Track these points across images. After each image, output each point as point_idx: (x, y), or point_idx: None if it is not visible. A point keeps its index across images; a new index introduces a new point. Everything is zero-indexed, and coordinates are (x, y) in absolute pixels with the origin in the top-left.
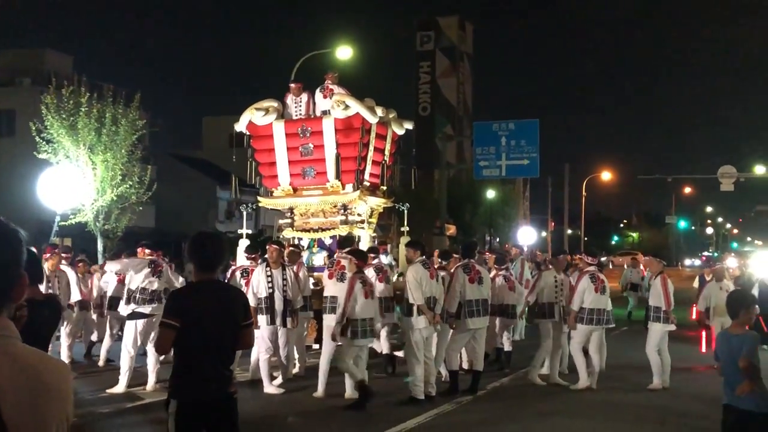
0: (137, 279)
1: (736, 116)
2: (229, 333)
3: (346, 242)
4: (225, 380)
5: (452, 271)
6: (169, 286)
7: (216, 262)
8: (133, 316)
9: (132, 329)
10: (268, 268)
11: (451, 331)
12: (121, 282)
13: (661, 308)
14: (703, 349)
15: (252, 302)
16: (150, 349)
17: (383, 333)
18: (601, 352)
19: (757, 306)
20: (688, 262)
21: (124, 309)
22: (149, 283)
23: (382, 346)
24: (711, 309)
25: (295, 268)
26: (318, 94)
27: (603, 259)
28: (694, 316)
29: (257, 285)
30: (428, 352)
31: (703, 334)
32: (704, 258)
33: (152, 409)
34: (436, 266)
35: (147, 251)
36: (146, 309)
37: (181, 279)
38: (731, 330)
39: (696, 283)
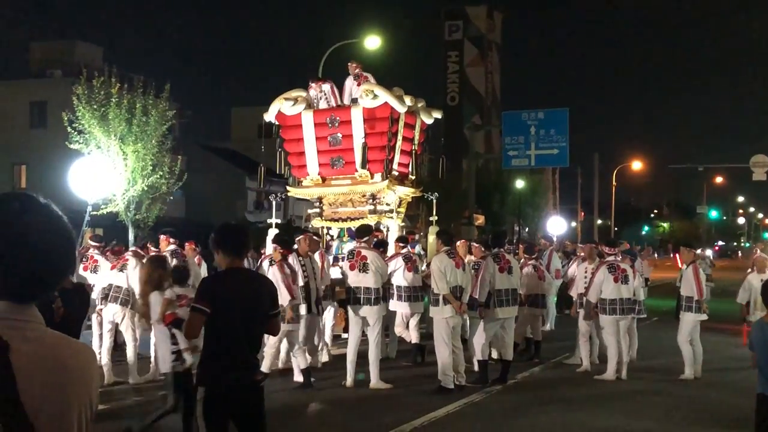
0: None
1: None
2: (258, 321)
3: (364, 231)
4: (252, 368)
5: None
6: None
7: (244, 250)
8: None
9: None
10: (300, 258)
11: (481, 320)
12: None
13: (693, 298)
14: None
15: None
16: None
17: (412, 322)
18: (630, 341)
19: None
20: (708, 252)
21: None
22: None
23: (411, 335)
24: (752, 302)
25: (317, 256)
26: (352, 82)
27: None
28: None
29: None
30: (456, 341)
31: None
32: (717, 248)
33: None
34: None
35: (171, 240)
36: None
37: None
38: (766, 319)
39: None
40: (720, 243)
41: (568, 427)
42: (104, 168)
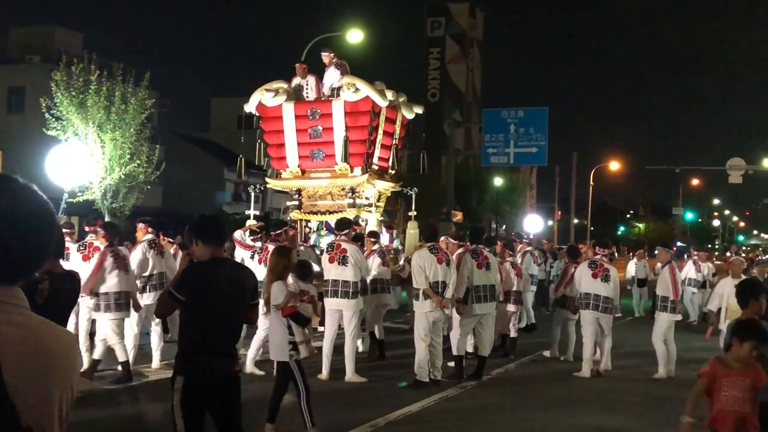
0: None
1: (746, 109)
2: (239, 311)
3: (344, 224)
4: (231, 358)
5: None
6: (169, 269)
7: (224, 240)
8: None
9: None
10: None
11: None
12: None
13: (668, 298)
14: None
15: None
16: (154, 328)
17: (375, 316)
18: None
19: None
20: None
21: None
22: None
23: (376, 330)
24: (723, 310)
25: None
26: (333, 71)
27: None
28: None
29: None
30: (436, 336)
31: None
32: (675, 249)
33: (157, 387)
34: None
35: (149, 229)
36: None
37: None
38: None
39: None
40: (679, 243)
41: (542, 423)
42: (81, 155)
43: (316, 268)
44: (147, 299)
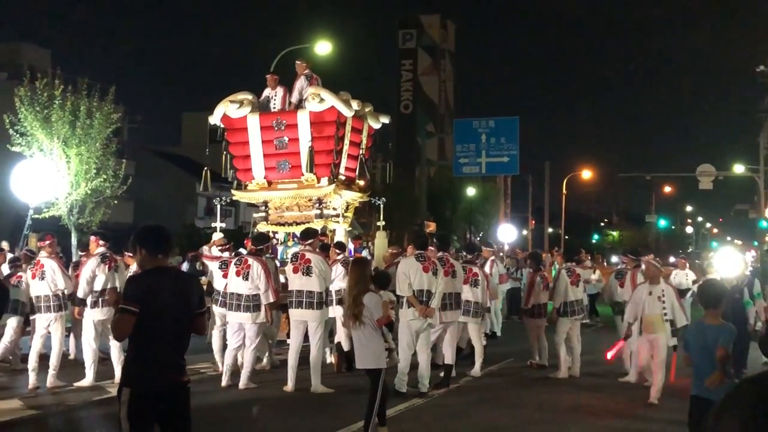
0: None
1: (716, 116)
2: (185, 321)
3: (309, 234)
4: (179, 369)
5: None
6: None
7: (169, 249)
8: None
9: (91, 323)
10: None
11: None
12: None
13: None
14: (608, 356)
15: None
16: (113, 342)
17: (338, 326)
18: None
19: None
20: (614, 259)
21: (92, 313)
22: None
23: (342, 341)
24: (639, 322)
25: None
26: (304, 82)
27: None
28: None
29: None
30: (422, 347)
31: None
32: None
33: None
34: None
35: (101, 242)
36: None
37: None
38: (706, 320)
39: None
40: (630, 255)
41: (508, 428)
42: (47, 171)
43: (281, 279)
44: (99, 314)
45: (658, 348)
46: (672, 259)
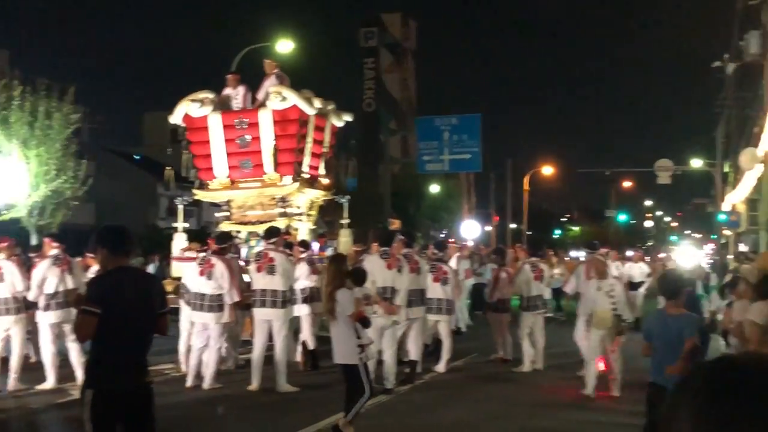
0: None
1: (675, 111)
2: (148, 321)
3: (272, 233)
4: (142, 369)
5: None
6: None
7: (131, 249)
8: None
9: (46, 326)
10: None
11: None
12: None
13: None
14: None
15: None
16: (71, 344)
17: (306, 325)
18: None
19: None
20: (573, 253)
21: (46, 316)
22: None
23: (308, 339)
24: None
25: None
26: (273, 81)
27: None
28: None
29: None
30: (387, 345)
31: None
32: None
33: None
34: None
35: (53, 244)
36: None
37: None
38: (668, 310)
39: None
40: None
41: (473, 423)
42: (5, 172)
43: (246, 278)
44: (53, 317)
45: (609, 343)
46: (629, 253)
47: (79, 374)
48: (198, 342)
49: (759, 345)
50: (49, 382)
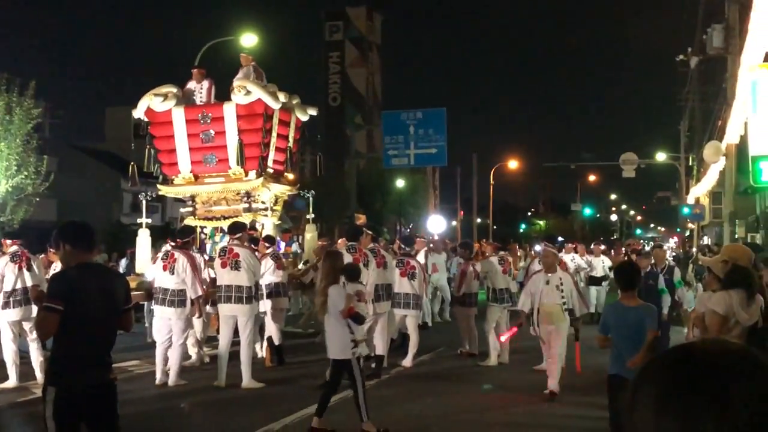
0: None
1: (639, 105)
2: (111, 317)
3: (237, 228)
4: (105, 366)
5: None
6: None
7: (93, 244)
8: None
9: (5, 324)
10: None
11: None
12: None
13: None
14: (502, 339)
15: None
16: (30, 343)
17: (272, 321)
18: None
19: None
20: (538, 248)
21: (4, 315)
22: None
23: (273, 335)
24: (536, 312)
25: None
26: (250, 73)
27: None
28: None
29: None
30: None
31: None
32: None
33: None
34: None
35: (8, 242)
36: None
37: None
38: (625, 302)
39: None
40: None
41: (440, 417)
42: None
43: (212, 273)
44: (12, 315)
45: (556, 338)
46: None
47: (39, 372)
48: (162, 337)
49: (718, 335)
50: (11, 381)
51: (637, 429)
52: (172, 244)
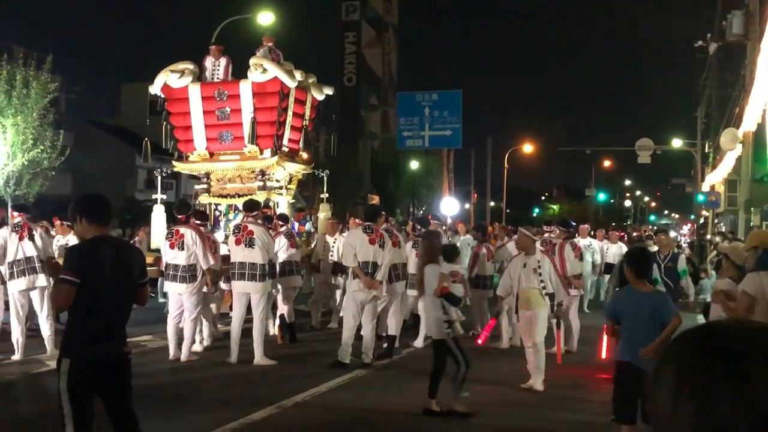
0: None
1: (656, 91)
2: (127, 291)
3: (252, 206)
4: (120, 339)
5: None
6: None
7: (109, 217)
8: None
9: (12, 298)
10: None
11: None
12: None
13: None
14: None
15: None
16: (41, 317)
17: (285, 299)
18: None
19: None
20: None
21: (10, 286)
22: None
23: (285, 313)
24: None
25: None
26: (266, 53)
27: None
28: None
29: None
30: (367, 319)
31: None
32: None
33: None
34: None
35: (15, 213)
36: (23, 283)
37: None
38: (639, 287)
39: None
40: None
41: (441, 398)
42: None
43: (223, 251)
44: (21, 284)
45: (536, 325)
46: (609, 232)
47: (49, 345)
48: (173, 312)
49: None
50: (17, 355)
51: (657, 408)
52: (180, 217)
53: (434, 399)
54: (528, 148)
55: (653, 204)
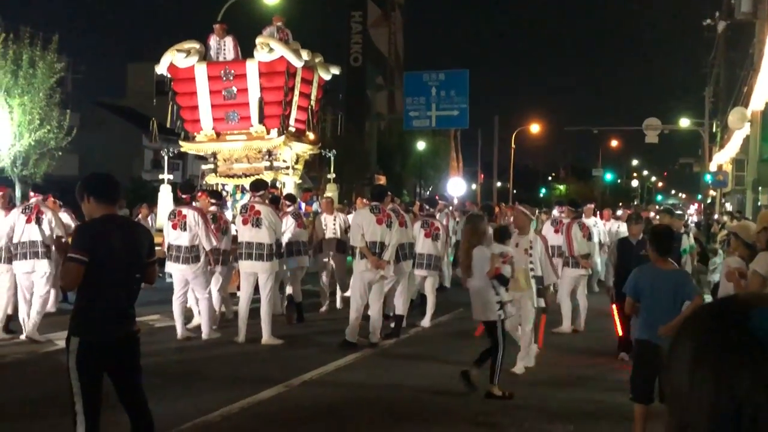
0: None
1: (664, 70)
2: (135, 270)
3: (259, 185)
4: (129, 318)
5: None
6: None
7: (117, 196)
8: None
9: (21, 276)
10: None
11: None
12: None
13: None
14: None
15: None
16: (35, 300)
17: (293, 279)
18: None
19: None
20: (556, 212)
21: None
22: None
23: (293, 292)
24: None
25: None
26: (273, 33)
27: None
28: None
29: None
30: (374, 300)
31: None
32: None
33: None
34: None
35: (31, 194)
36: (26, 265)
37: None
38: (660, 265)
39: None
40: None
41: (455, 375)
42: None
43: (233, 230)
44: (26, 266)
45: (524, 309)
46: (620, 213)
47: (28, 328)
48: (178, 292)
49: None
50: (27, 331)
51: (673, 385)
52: (184, 197)
53: (496, 384)
54: (535, 128)
55: (660, 184)
